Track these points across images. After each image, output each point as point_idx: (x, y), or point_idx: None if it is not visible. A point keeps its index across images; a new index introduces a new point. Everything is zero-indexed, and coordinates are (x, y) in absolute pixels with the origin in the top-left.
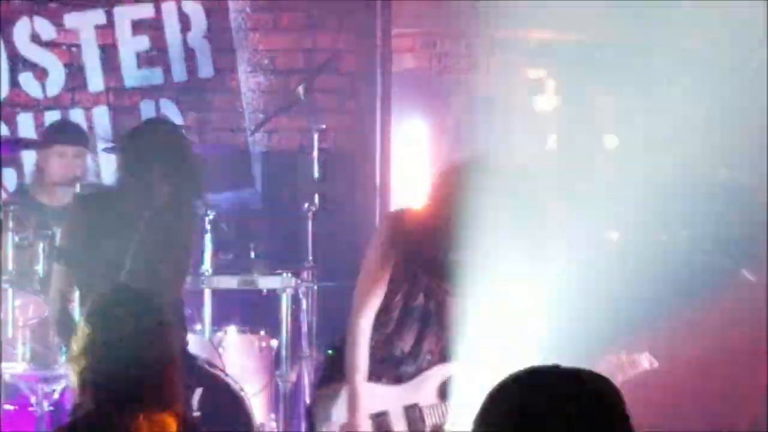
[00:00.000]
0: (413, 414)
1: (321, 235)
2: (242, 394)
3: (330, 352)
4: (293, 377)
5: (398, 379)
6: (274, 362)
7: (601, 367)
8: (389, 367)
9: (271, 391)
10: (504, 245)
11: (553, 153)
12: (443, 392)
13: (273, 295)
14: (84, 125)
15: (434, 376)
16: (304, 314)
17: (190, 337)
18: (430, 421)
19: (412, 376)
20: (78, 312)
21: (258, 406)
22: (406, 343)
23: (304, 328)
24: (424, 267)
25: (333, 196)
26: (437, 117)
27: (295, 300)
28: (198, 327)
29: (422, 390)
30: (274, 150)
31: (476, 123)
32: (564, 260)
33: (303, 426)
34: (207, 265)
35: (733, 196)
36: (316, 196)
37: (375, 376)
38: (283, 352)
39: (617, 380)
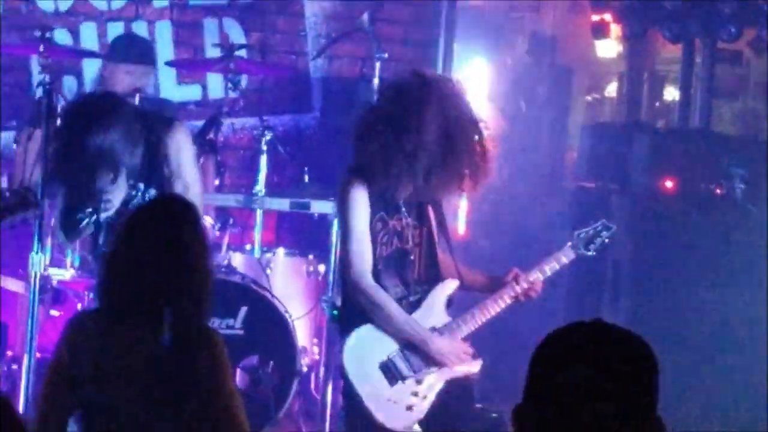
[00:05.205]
0: None
1: None
2: (287, 316)
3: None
4: (339, 303)
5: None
6: (321, 287)
7: None
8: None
9: (316, 316)
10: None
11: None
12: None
13: (324, 220)
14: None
15: (435, 297)
16: None
17: (238, 256)
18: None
19: (417, 307)
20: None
21: (302, 330)
22: (399, 286)
23: None
24: (388, 211)
25: None
26: (499, 55)
27: None
28: (248, 246)
29: (432, 314)
30: (334, 76)
31: (537, 64)
32: None
33: None
34: (260, 186)
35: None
36: None
37: None
38: (331, 277)
39: None
